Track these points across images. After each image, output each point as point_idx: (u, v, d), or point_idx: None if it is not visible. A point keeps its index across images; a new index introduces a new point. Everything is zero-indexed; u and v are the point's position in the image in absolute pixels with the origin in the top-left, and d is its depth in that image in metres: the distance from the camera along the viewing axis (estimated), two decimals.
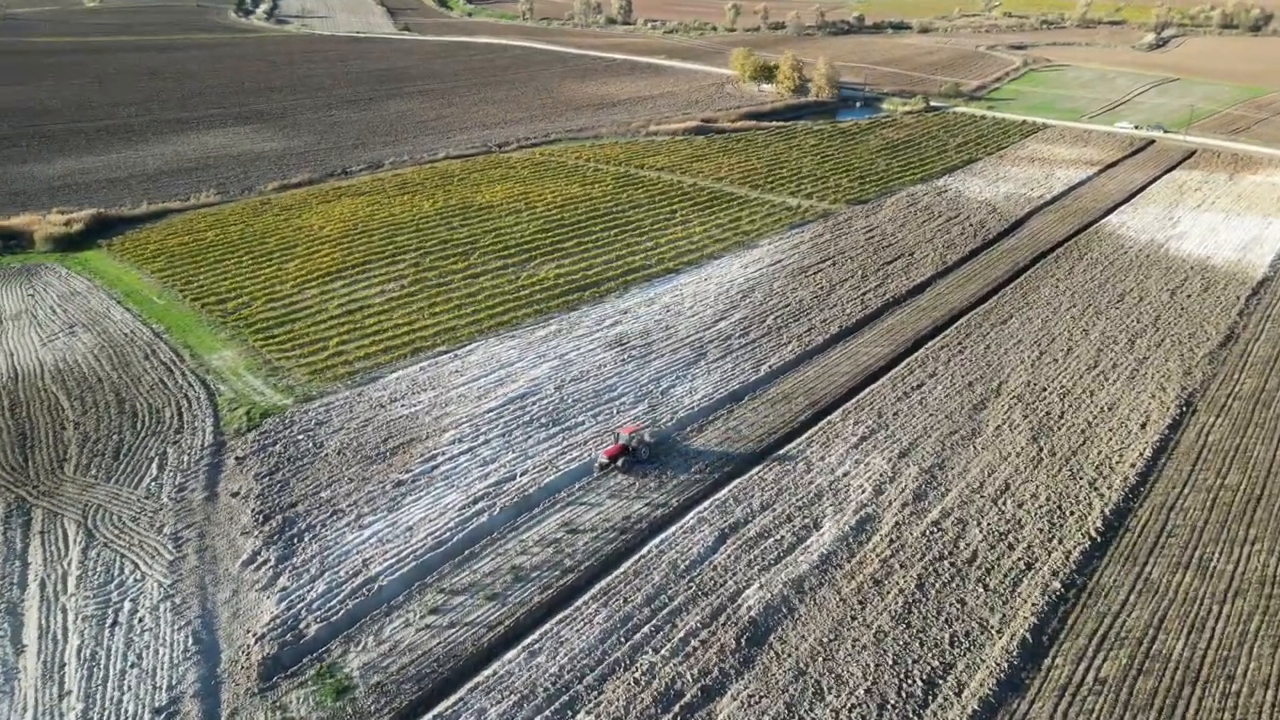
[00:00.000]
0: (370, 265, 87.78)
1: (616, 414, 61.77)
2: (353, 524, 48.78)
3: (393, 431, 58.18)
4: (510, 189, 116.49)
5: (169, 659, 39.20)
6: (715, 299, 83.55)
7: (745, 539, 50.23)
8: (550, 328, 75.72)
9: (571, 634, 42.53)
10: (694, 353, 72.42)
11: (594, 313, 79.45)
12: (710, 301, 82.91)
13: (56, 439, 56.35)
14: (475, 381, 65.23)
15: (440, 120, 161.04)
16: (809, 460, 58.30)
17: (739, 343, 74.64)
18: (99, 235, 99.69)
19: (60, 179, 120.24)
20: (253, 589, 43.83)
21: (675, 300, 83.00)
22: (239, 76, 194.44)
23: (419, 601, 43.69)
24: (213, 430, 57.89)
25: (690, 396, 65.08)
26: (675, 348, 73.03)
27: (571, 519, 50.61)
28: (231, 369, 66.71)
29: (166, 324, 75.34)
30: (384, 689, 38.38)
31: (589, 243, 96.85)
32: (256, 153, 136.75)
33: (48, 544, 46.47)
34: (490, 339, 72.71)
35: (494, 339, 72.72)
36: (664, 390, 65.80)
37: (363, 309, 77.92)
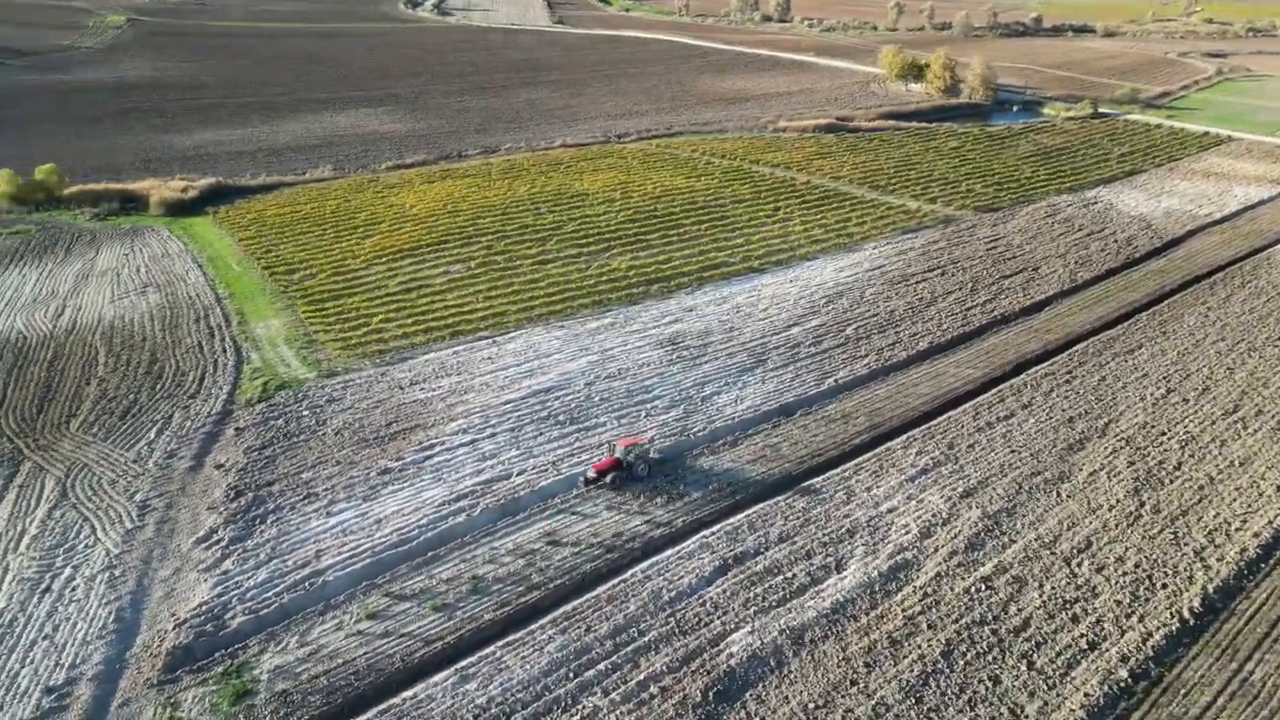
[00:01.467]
0: (445, 245, 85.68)
1: (643, 418, 56.20)
2: (322, 510, 45.56)
3: (400, 416, 54.89)
4: (611, 178, 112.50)
5: (83, 635, 36.93)
6: (794, 302, 76.32)
7: (749, 573, 43.63)
8: (604, 320, 70.85)
9: (515, 661, 37.48)
10: (753, 359, 65.75)
11: (657, 308, 73.99)
12: (788, 305, 75.76)
13: (77, 394, 56.38)
14: (504, 370, 61.19)
15: (566, 109, 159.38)
16: (851, 490, 50.80)
17: (807, 351, 67.34)
18: (212, 203, 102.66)
19: (194, 149, 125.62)
20: (195, 569, 41.23)
21: (749, 301, 76.35)
22: (386, 63, 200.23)
23: (360, 603, 39.80)
24: (225, 399, 56.42)
25: (734, 406, 58.62)
26: (733, 351, 66.57)
27: (556, 529, 45.55)
28: (270, 338, 65.58)
29: (232, 290, 75.53)
30: (287, 699, 34.59)
31: (674, 236, 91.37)
32: (381, 133, 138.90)
33: (22, 498, 45.70)
34: (537, 328, 68.60)
35: (541, 328, 68.56)
36: (706, 396, 59.62)
37: (421, 288, 75.61)
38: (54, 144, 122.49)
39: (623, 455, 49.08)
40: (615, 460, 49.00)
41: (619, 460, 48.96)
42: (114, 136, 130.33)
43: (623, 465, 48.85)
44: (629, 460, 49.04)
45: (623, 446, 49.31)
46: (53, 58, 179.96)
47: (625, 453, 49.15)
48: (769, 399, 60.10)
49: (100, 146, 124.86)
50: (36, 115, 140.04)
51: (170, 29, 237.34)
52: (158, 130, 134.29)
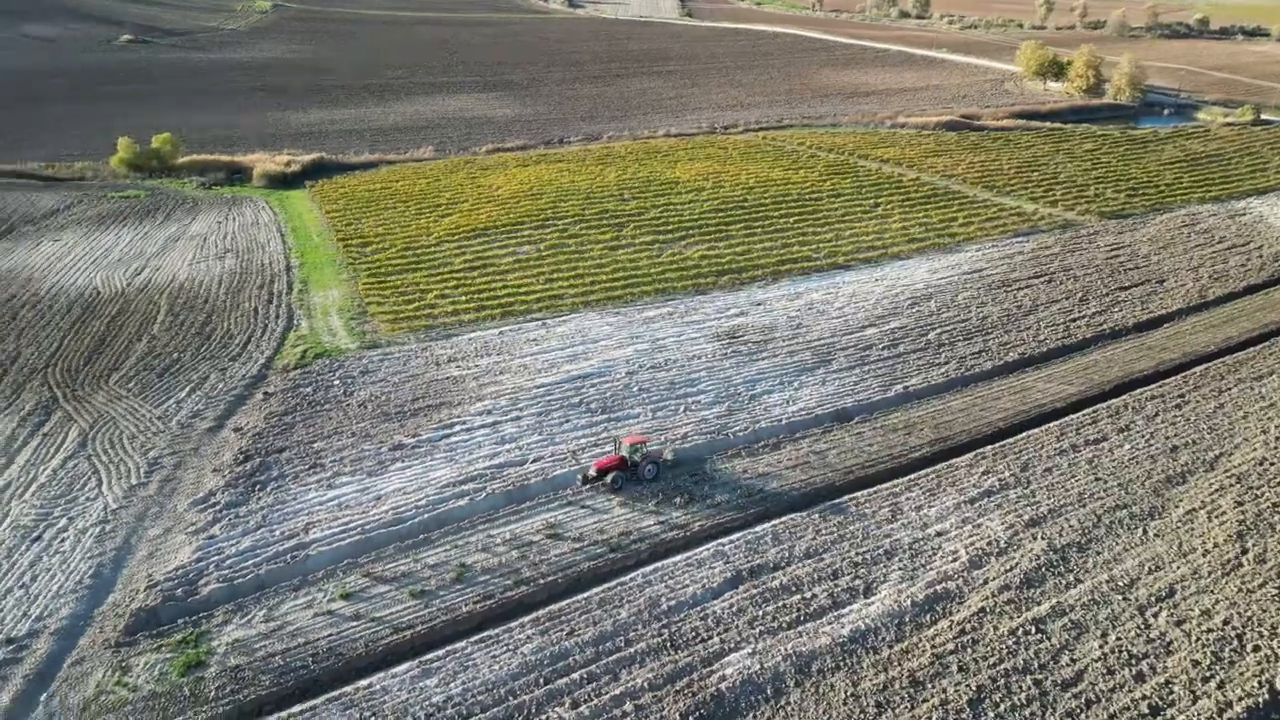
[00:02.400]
0: (519, 227, 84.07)
1: (681, 412, 52.49)
2: (324, 481, 44.04)
3: (429, 392, 53.09)
4: (706, 167, 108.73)
5: (58, 588, 36.37)
6: (875, 302, 70.76)
7: (763, 589, 39.40)
8: (663, 309, 67.37)
9: (484, 660, 34.65)
10: (816, 358, 60.93)
11: (723, 300, 69.96)
12: (867, 304, 70.29)
13: (126, 349, 57.25)
14: (546, 353, 58.63)
15: (677, 99, 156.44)
16: (898, 507, 45.67)
17: (879, 354, 61.96)
18: (312, 177, 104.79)
19: (308, 126, 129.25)
20: (184, 530, 40.30)
21: (825, 298, 71.29)
22: (507, 51, 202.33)
23: (338, 582, 37.85)
24: (263, 363, 56.10)
25: (784, 407, 54.14)
26: (795, 350, 61.92)
27: (561, 522, 42.51)
28: (325, 307, 65.31)
29: (304, 259, 76.10)
30: (238, 676, 32.87)
31: (759, 228, 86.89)
32: (487, 117, 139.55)
33: (43, 446, 46.20)
34: (591, 313, 65.79)
35: (595, 313, 65.72)
36: (755, 395, 55.34)
37: (485, 267, 74.11)
38: (181, 117, 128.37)
39: (628, 454, 45.49)
40: (620, 459, 45.45)
41: (624, 459, 45.40)
42: (237, 113, 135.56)
43: (627, 465, 45.28)
44: (634, 460, 45.41)
45: (628, 444, 45.77)
46: (198, 38, 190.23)
47: (631, 451, 45.55)
48: (825, 402, 55.31)
49: (223, 121, 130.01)
50: (172, 90, 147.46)
51: (311, 15, 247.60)
52: (277, 108, 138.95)
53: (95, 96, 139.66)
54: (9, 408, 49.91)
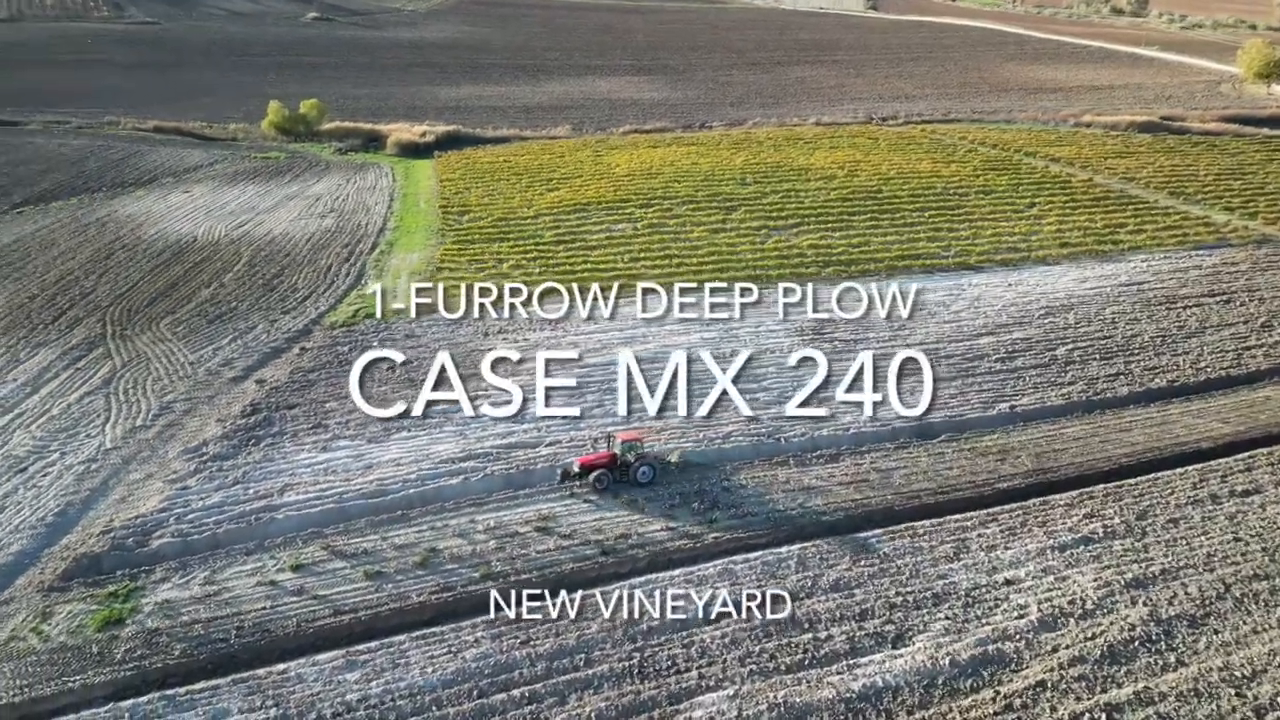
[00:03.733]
0: (624, 205, 79.81)
1: (732, 408, 46.40)
2: (321, 443, 41.32)
3: (464, 361, 49.50)
4: (845, 156, 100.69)
5: (19, 524, 35.19)
6: (1001, 309, 61.59)
7: (769, 621, 33.16)
8: (749, 298, 61.05)
9: (419, 660, 30.47)
10: (910, 363, 53.04)
11: (821, 292, 62.78)
12: (991, 310, 61.26)
13: (190, 295, 57.34)
14: (603, 333, 54.00)
15: (838, 89, 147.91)
16: (965, 544, 37.97)
17: (989, 366, 53.37)
18: (444, 148, 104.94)
19: (455, 101, 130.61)
20: (164, 478, 38.51)
21: (943, 299, 62.77)
22: (671, 37, 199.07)
23: (294, 551, 34.73)
24: (313, 319, 54.62)
25: (849, 416, 47.00)
26: (889, 352, 54.23)
27: (556, 515, 37.74)
28: (398, 270, 63.61)
29: (401, 224, 75.20)
30: (151, 640, 30.24)
31: (885, 220, 78.62)
32: (633, 100, 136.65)
33: (70, 380, 46.09)
34: (668, 293, 60.45)
35: (666, 295, 60.35)
36: (824, 397, 48.38)
37: (573, 242, 70.37)
38: (341, 87, 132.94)
39: (620, 452, 39.97)
40: (610, 456, 39.98)
41: (614, 457, 39.93)
42: (392, 86, 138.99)
43: (617, 464, 39.75)
44: (627, 460, 39.80)
45: (622, 441, 40.24)
46: (377, 18, 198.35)
47: (624, 449, 39.99)
48: (907, 412, 47.69)
49: (377, 94, 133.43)
50: (340, 64, 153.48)
51: None
52: (430, 83, 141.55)
53: (267, 66, 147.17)
54: (58, 340, 50.60)
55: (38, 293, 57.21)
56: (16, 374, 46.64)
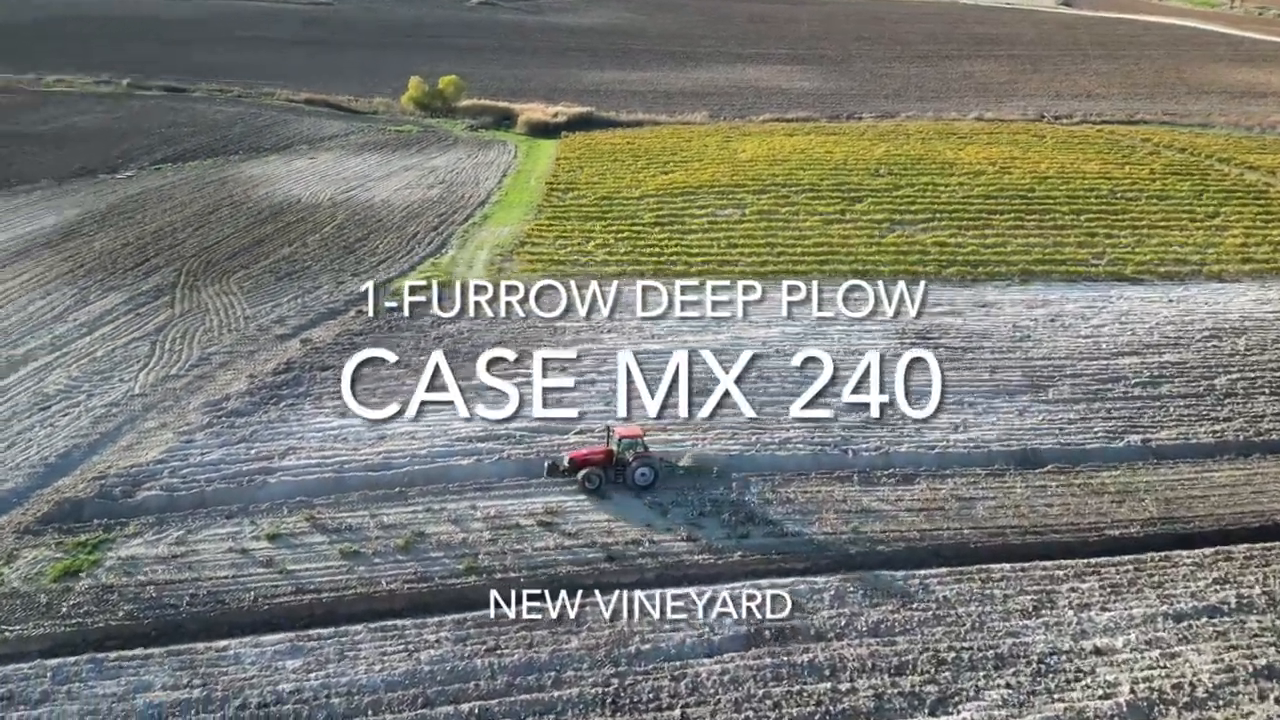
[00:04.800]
0: (738, 189, 74.68)
1: (790, 416, 40.93)
2: (340, 408, 38.87)
3: (518, 337, 46.48)
4: (999, 153, 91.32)
5: (23, 461, 34.42)
6: (1153, 327, 52.55)
7: (785, 662, 27.86)
8: (851, 293, 54.87)
9: (371, 654, 27.17)
10: (1026, 381, 45.67)
11: (937, 293, 55.71)
12: (1141, 328, 52.33)
13: (270, 253, 57.04)
14: (668, 321, 49.37)
15: (1008, 85, 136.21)
16: (1050, 597, 31.20)
17: (1123, 391, 45.18)
18: (574, 129, 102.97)
19: (596, 85, 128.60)
20: (175, 429, 37.13)
21: (1082, 311, 54.31)
22: (835, 27, 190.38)
23: (275, 519, 32.26)
24: (386, 287, 52.99)
25: (948, 432, 40.55)
26: (1004, 366, 47.04)
27: (565, 510, 33.67)
28: (483, 242, 61.38)
29: (504, 198, 73.28)
30: (101, 597, 28.36)
31: (1032, 221, 69.83)
32: (780, 88, 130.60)
33: (128, 324, 46.09)
34: (758, 283, 55.18)
35: (761, 284, 54.99)
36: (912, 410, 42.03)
37: (673, 224, 66.04)
38: (491, 69, 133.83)
39: (618, 448, 35.23)
40: (605, 453, 35.31)
41: (610, 454, 35.22)
42: (539, 69, 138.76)
43: (613, 462, 35.02)
44: (624, 458, 35.02)
45: (620, 437, 35.41)
46: (539, 2, 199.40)
47: (622, 446, 35.20)
48: (1011, 436, 40.73)
49: (523, 75, 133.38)
50: (496, 47, 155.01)
51: None
52: (577, 67, 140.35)
53: (426, 47, 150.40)
54: (130, 285, 51.09)
55: (132, 241, 58.50)
56: (79, 314, 47.16)
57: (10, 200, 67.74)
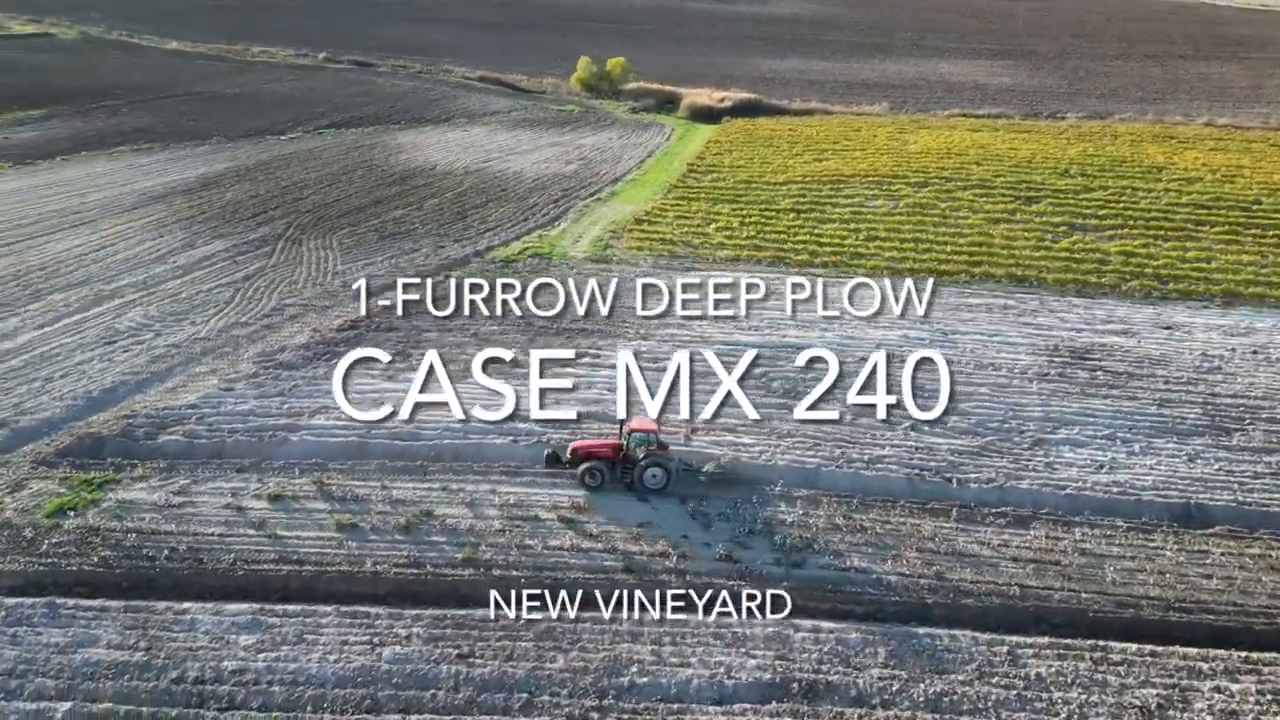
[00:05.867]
0: (895, 181, 67.40)
1: (895, 427, 34.67)
2: (390, 371, 36.47)
3: (599, 316, 42.51)
4: (1222, 160, 78.71)
5: (67, 392, 33.69)
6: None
7: (799, 715, 22.51)
8: (994, 299, 47.34)
9: (331, 642, 24.03)
10: (1208, 421, 36.91)
11: (1110, 309, 47.22)
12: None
13: (384, 213, 56.20)
14: (777, 312, 43.93)
15: (1252, 89, 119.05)
16: (1184, 696, 23.92)
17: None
18: (739, 115, 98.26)
19: (773, 73, 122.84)
20: (220, 375, 35.81)
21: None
22: (1054, 23, 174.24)
23: (284, 479, 29.89)
24: (479, 250, 50.77)
25: (1087, 471, 33.06)
26: (1181, 401, 38.38)
27: (593, 508, 29.36)
28: (600, 218, 58.02)
29: (640, 177, 69.77)
30: (82, 541, 26.74)
31: (1250, 237, 58.46)
32: (974, 83, 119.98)
33: (225, 269, 46.00)
34: (891, 280, 48.72)
35: (894, 282, 48.52)
36: (1048, 439, 34.77)
37: (810, 212, 60.08)
38: (664, 54, 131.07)
39: (628, 445, 30.24)
40: (614, 447, 30.41)
41: (617, 449, 30.30)
42: (718, 55, 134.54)
43: (619, 458, 30.10)
44: (632, 454, 30.00)
45: (632, 431, 30.33)
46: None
47: (633, 442, 30.15)
48: (1170, 485, 32.66)
49: (702, 62, 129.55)
50: (682, 36, 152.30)
51: None
52: (757, 55, 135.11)
53: (604, 31, 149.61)
54: (238, 234, 51.32)
55: (260, 194, 59.39)
56: (180, 257, 47.63)
57: (176, 152, 71.11)
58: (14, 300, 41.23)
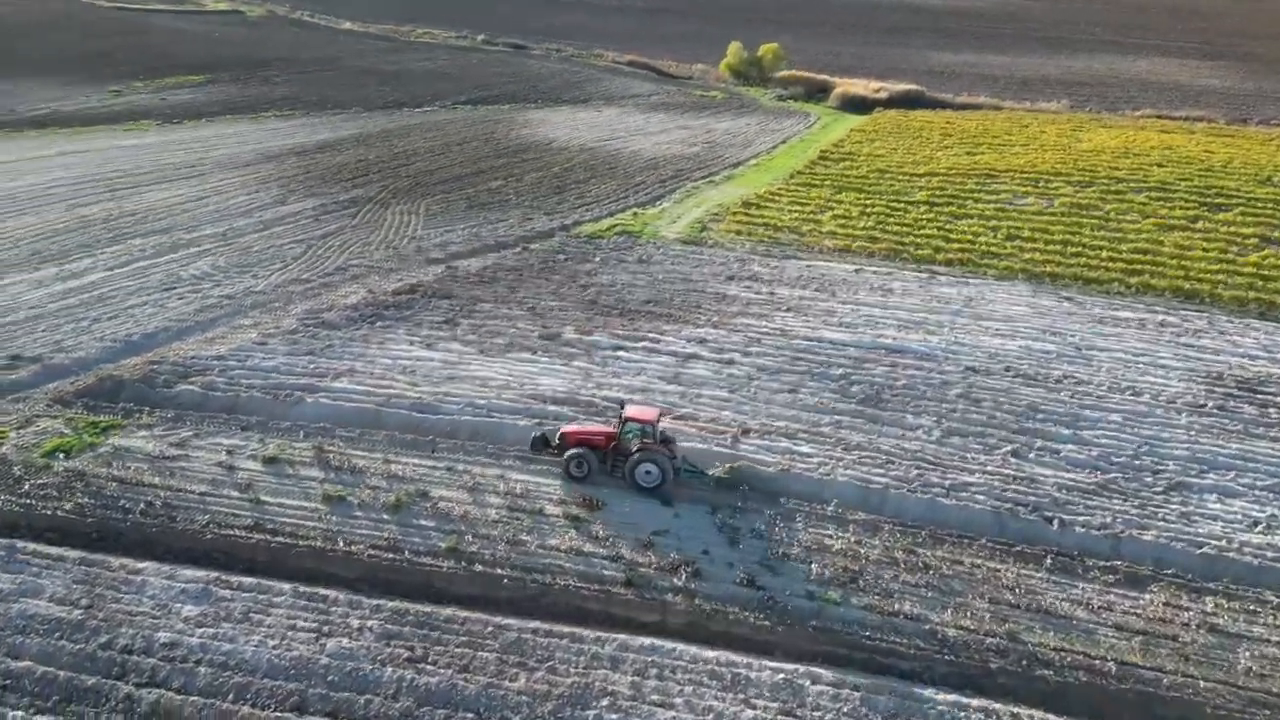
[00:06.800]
0: (1052, 179, 59.61)
1: (997, 451, 28.91)
2: (431, 339, 33.86)
3: (674, 300, 38.54)
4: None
5: (109, 334, 33.15)
6: None
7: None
8: (1154, 315, 39.83)
9: (278, 625, 21.41)
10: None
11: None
12: None
13: (482, 182, 54.39)
14: (878, 309, 38.51)
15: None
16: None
17: None
18: (896, 106, 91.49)
19: (939, 66, 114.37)
20: (259, 330, 34.22)
21: None
22: (1273, 22, 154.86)
23: (286, 442, 27.61)
24: (567, 224, 47.83)
25: (1239, 527, 26.37)
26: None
27: (608, 506, 25.47)
28: (705, 199, 54.18)
29: (766, 162, 65.25)
30: (64, 485, 25.28)
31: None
32: (1174, 83, 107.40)
33: (301, 228, 45.29)
34: (1024, 285, 42.24)
35: (1028, 287, 42.03)
36: (1188, 484, 28.07)
37: (946, 206, 53.76)
38: (830, 44, 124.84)
39: (622, 435, 26.01)
40: (607, 436, 26.26)
41: (610, 437, 26.13)
42: (881, 46, 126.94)
43: (611, 448, 25.96)
44: (627, 446, 25.80)
45: (631, 419, 26.06)
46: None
47: (632, 432, 25.85)
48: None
49: (862, 52, 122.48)
50: (840, 22, 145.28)
51: None
52: (925, 48, 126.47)
53: (765, 20, 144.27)
54: (330, 194, 50.76)
55: (369, 159, 58.84)
56: (267, 213, 47.17)
57: (312, 119, 72.27)
58: (96, 242, 41.66)
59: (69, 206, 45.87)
